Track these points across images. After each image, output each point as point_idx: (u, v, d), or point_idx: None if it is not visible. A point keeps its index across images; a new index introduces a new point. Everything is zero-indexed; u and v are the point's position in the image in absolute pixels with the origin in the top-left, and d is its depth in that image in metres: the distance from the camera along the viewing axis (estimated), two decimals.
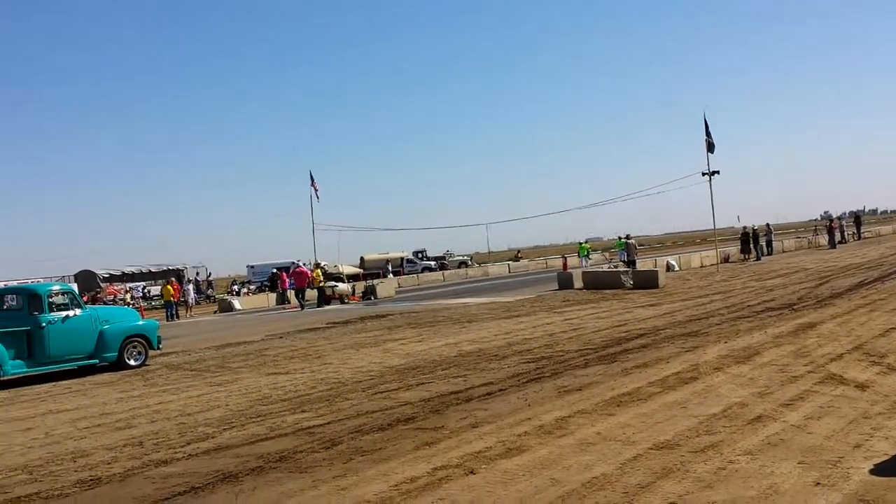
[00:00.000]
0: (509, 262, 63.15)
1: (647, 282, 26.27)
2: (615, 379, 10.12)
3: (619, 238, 42.22)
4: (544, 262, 63.05)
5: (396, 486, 6.09)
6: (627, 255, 35.91)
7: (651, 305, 20.05)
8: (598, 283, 28.06)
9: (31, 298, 15.18)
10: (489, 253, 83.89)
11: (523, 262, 64.63)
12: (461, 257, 69.78)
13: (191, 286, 43.18)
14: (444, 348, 14.77)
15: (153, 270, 57.10)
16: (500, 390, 9.96)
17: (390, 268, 59.54)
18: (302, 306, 32.39)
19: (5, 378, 14.37)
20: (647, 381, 9.82)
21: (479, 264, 66.48)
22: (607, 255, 61.60)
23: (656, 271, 28.03)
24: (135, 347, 16.25)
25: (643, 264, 35.72)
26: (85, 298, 23.94)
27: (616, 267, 35.16)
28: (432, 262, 65.24)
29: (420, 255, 66.38)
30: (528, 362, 12.11)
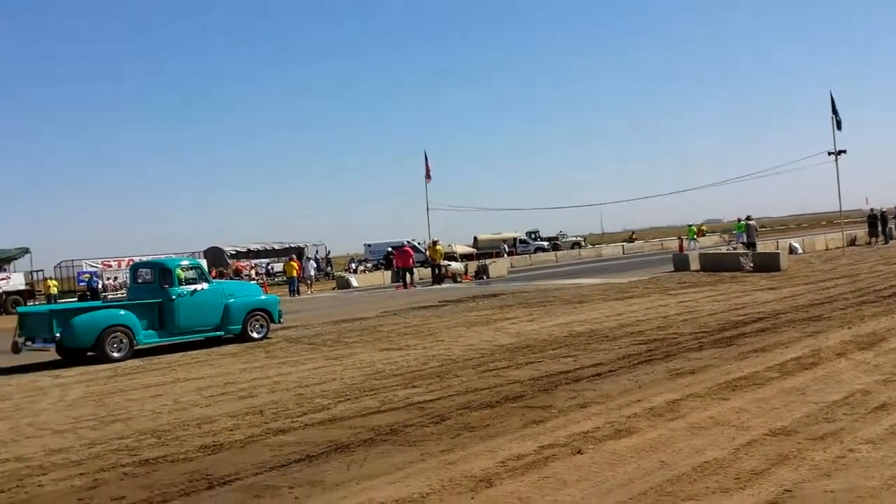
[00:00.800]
0: (623, 244, 62.17)
1: (767, 264, 25.34)
2: (730, 363, 9.86)
3: (739, 220, 40.79)
4: (660, 243, 61.68)
5: (503, 462, 6.16)
6: (747, 237, 34.70)
7: (771, 289, 19.34)
8: (715, 265, 27.25)
9: (163, 272, 16.03)
10: (603, 234, 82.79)
11: (638, 243, 63.49)
12: (574, 238, 69.05)
13: (311, 263, 44.51)
14: (554, 328, 14.73)
15: (276, 248, 58.98)
16: (611, 371, 9.88)
17: (506, 248, 59.58)
18: (405, 285, 32.83)
19: (138, 347, 15.25)
20: (765, 365, 9.52)
21: (593, 245, 65.74)
22: (726, 237, 59.73)
23: (777, 254, 27.01)
24: (257, 321, 16.92)
25: (764, 247, 34.48)
26: (213, 273, 25.03)
27: (735, 249, 34.05)
28: (545, 243, 64.87)
29: (533, 236, 66.11)
30: (640, 344, 11.94)
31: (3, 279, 41.72)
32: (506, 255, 54.03)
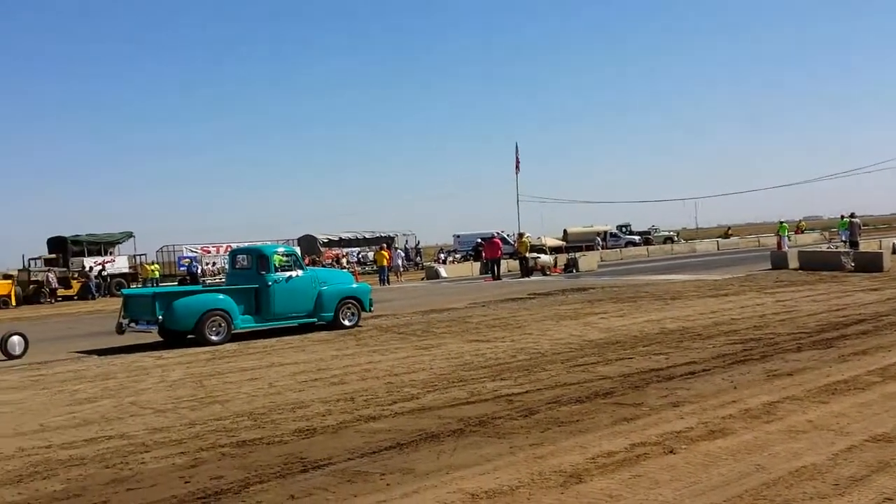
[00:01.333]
0: (718, 239, 60.65)
1: (869, 264, 24.32)
2: (830, 365, 9.53)
3: (843, 217, 39.25)
4: (756, 239, 59.94)
5: (593, 458, 6.12)
6: (850, 235, 33.36)
7: (873, 290, 18.56)
8: (815, 263, 26.33)
9: (260, 259, 16.49)
10: (697, 229, 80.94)
11: (734, 239, 61.83)
12: (667, 233, 67.75)
13: (399, 253, 45.04)
14: (645, 325, 14.51)
15: (367, 237, 59.96)
16: (704, 370, 9.68)
17: (600, 241, 59.01)
18: (494, 277, 32.83)
19: (235, 331, 15.74)
20: (866, 369, 9.17)
21: (686, 240, 64.34)
22: (826, 234, 57.61)
23: (880, 253, 25.91)
24: (349, 309, 17.22)
25: (866, 245, 33.09)
26: (306, 261, 25.61)
27: (836, 248, 32.79)
28: (636, 237, 63.89)
29: (624, 230, 65.20)
30: (735, 343, 11.65)
31: (108, 262, 43.64)
32: (600, 248, 53.53)
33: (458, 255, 56.63)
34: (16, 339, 15.09)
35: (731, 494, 5.19)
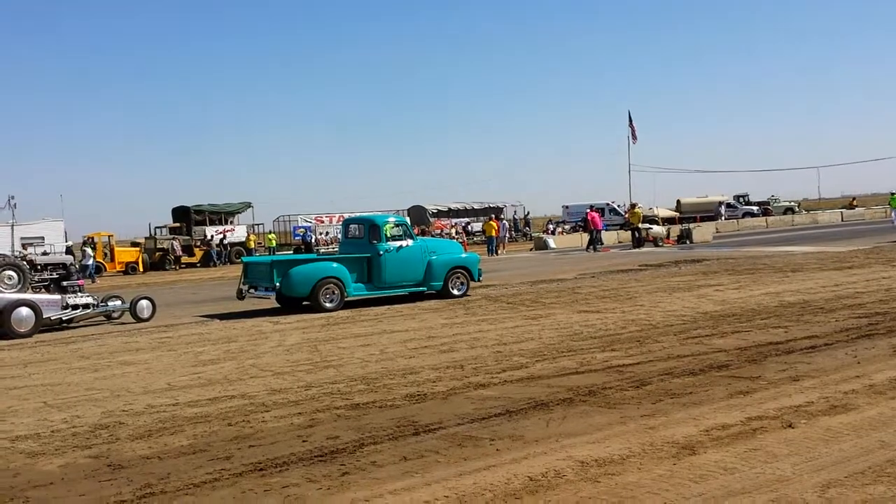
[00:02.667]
0: (842, 210, 57.88)
1: None
2: None
3: (893, 194, 36.71)
4: (883, 210, 56.88)
5: (707, 430, 6.01)
6: None
7: None
8: None
9: (372, 228, 16.81)
10: (819, 199, 77.43)
11: (858, 210, 58.87)
12: (787, 203, 65.05)
13: (505, 224, 44.95)
14: (763, 297, 14.05)
15: (476, 207, 60.05)
16: (826, 345, 9.31)
17: (723, 210, 57.37)
18: (593, 248, 32.76)
19: (348, 299, 16.13)
20: None
21: (807, 211, 61.70)
22: None
23: None
24: (458, 278, 17.37)
25: None
26: (416, 231, 25.92)
27: None
28: (754, 208, 61.61)
29: (741, 200, 62.98)
30: (860, 317, 11.14)
31: (228, 231, 45.33)
32: (723, 219, 52.06)
33: (566, 226, 56.06)
34: (144, 303, 15.94)
35: (853, 470, 5.01)
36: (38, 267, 15.77)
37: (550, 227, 55.34)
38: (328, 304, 15.61)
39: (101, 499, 5.15)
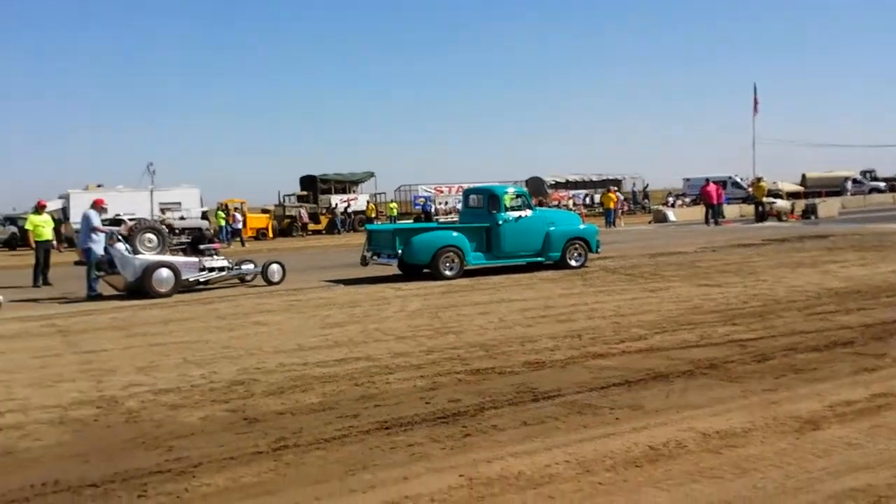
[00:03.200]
0: None
1: None
2: None
3: None
4: None
5: (831, 406, 5.91)
6: None
7: None
8: None
9: (491, 198, 16.97)
10: None
11: None
12: None
13: (620, 196, 44.23)
14: (890, 275, 13.45)
15: (594, 179, 59.37)
16: None
17: (849, 186, 54.72)
18: (714, 222, 32.29)
19: (467, 267, 16.38)
20: None
21: None
22: None
23: None
24: (576, 249, 17.33)
25: None
26: (534, 202, 25.91)
27: None
28: (881, 184, 58.34)
29: (868, 175, 59.74)
30: None
31: (352, 200, 46.49)
32: (849, 194, 49.71)
33: (686, 199, 54.66)
34: (275, 267, 16.68)
35: None
36: (176, 231, 16.73)
37: (670, 199, 54.14)
38: (448, 272, 15.91)
39: (238, 449, 5.52)
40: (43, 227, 18.17)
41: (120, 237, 15.18)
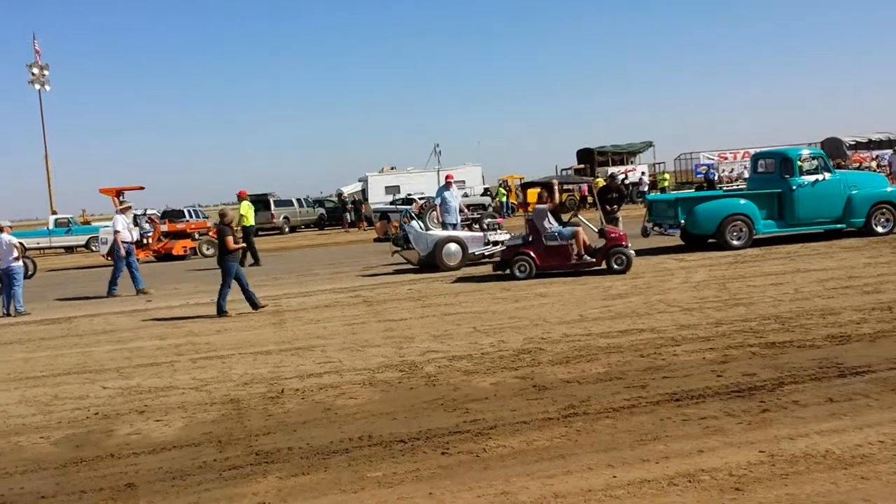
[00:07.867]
0: None
1: None
2: None
3: None
4: None
5: None
6: None
7: None
8: None
9: (783, 162, 15.85)
10: None
11: None
12: None
13: None
14: None
15: None
16: None
17: None
18: None
19: (757, 236, 15.48)
20: None
21: None
22: None
23: None
24: (883, 214, 15.75)
25: None
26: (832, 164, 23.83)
27: None
28: None
29: None
30: None
31: (629, 171, 45.73)
32: None
33: None
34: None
35: None
36: (461, 208, 17.48)
37: None
38: (735, 242, 15.17)
39: (530, 414, 5.69)
40: (247, 214, 19.94)
41: (412, 215, 16.16)
